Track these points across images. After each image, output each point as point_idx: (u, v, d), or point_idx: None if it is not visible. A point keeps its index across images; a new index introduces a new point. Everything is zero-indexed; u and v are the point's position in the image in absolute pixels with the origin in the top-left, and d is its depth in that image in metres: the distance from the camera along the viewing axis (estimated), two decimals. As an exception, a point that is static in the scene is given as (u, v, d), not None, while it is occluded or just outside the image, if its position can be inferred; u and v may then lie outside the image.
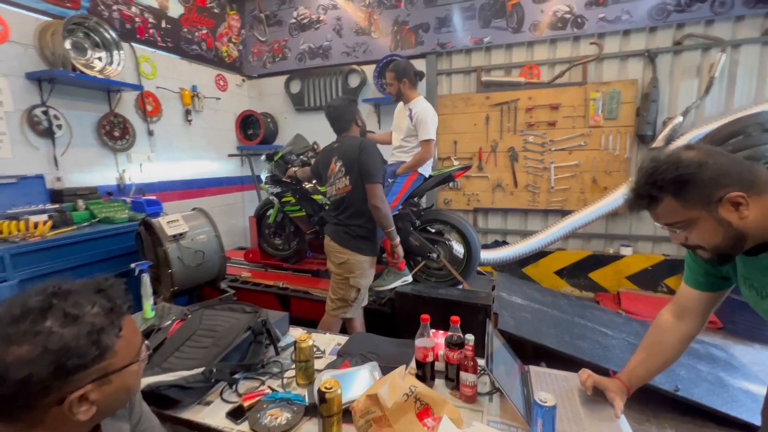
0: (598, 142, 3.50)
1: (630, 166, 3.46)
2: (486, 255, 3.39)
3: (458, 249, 2.87)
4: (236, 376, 1.21)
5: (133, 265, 1.77)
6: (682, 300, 1.12)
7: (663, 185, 0.85)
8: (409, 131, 2.51)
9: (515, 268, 3.83)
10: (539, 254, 3.65)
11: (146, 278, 1.77)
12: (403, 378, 1.04)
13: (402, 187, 2.47)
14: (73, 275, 2.16)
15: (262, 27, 4.01)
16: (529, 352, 2.21)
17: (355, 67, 4.18)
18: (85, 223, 2.52)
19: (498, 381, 1.08)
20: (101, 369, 0.61)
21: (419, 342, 1.21)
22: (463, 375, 1.13)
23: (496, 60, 3.78)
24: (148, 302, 1.75)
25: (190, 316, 1.49)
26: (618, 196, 3.28)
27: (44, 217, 2.40)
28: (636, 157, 3.46)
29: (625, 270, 3.55)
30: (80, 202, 2.64)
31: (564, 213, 3.64)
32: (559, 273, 3.77)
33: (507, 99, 3.69)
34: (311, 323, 2.96)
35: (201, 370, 1.13)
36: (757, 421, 1.89)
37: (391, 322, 2.54)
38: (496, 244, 3.94)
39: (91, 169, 2.98)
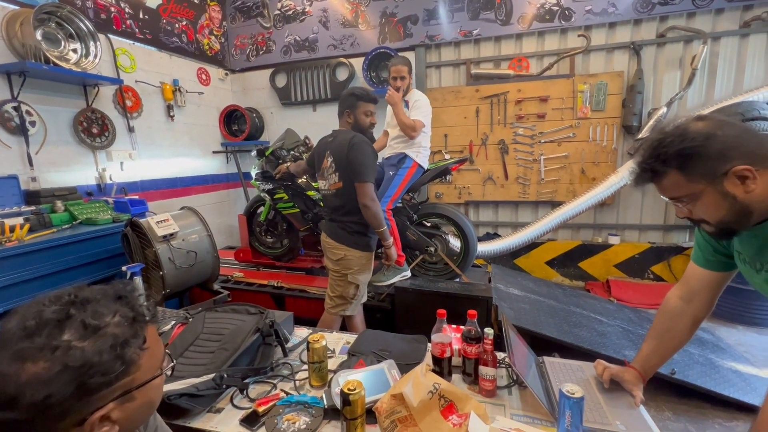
0: (586, 133, 3.55)
1: (617, 157, 3.53)
2: (481, 248, 3.40)
3: (454, 242, 2.87)
4: (247, 380, 1.16)
5: (124, 268, 1.69)
6: (692, 281, 1.10)
7: (667, 159, 0.83)
8: None
9: (507, 259, 3.87)
10: (531, 245, 3.70)
11: (139, 281, 1.69)
12: (425, 375, 1.01)
13: (403, 179, 2.44)
14: (55, 281, 2.05)
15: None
16: (529, 341, 2.23)
17: (343, 60, 4.10)
18: (66, 226, 2.38)
19: (520, 374, 1.07)
20: (125, 385, 0.55)
21: (436, 337, 1.18)
22: (482, 369, 1.12)
23: (485, 52, 3.77)
24: (141, 307, 1.66)
25: (191, 319, 1.42)
26: (607, 185, 3.34)
27: (20, 220, 2.25)
28: (622, 147, 3.54)
29: (614, 258, 3.63)
30: (59, 204, 2.49)
31: (554, 204, 3.69)
32: (550, 263, 3.83)
33: (496, 91, 3.70)
34: (309, 322, 2.91)
35: (211, 376, 1.07)
36: (746, 398, 1.99)
37: (390, 318, 2.52)
38: (488, 237, 3.96)
39: (68, 168, 2.82)
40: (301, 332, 1.58)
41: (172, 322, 1.46)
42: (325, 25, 4.15)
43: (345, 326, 2.23)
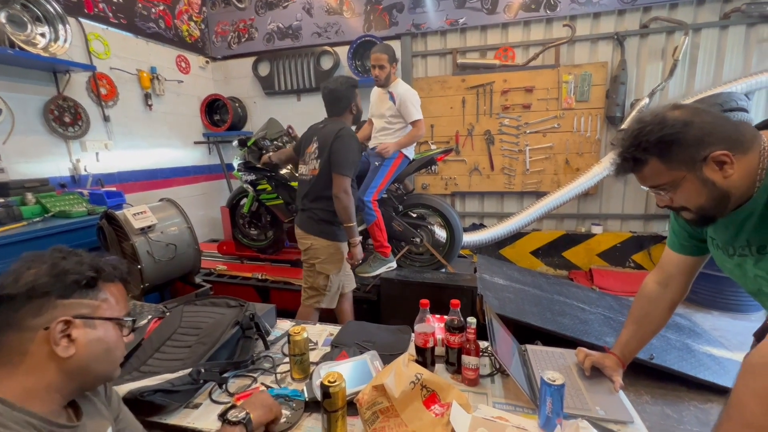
0: (571, 124, 3.57)
1: (600, 148, 3.57)
2: (466, 238, 3.41)
3: (440, 233, 2.87)
4: (226, 374, 1.13)
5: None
6: (667, 266, 1.12)
7: (647, 147, 0.83)
8: (394, 113, 2.44)
9: (493, 249, 3.90)
10: (516, 235, 3.73)
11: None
12: (407, 365, 1.00)
13: (388, 170, 2.42)
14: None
15: None
16: (513, 330, 2.26)
17: (327, 48, 4.01)
18: (37, 219, 2.28)
19: (502, 362, 1.07)
20: (91, 306, 0.67)
21: (419, 327, 1.17)
22: (465, 358, 1.12)
23: (472, 42, 3.74)
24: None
25: (168, 313, 1.38)
26: (590, 176, 3.38)
27: (-13, 212, 2.15)
28: (606, 138, 3.58)
29: (596, 248, 3.70)
30: (29, 196, 2.38)
31: (539, 195, 3.72)
32: (535, 253, 3.87)
33: (482, 82, 3.68)
34: (294, 315, 2.89)
35: (188, 371, 1.04)
36: (721, 381, 2.05)
37: (376, 309, 2.51)
38: (474, 227, 3.98)
39: (39, 158, 2.70)
40: (284, 325, 1.56)
41: (149, 317, 1.41)
42: (309, 12, 4.05)
43: (334, 316, 2.21)
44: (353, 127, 2.04)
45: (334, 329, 1.50)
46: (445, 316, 1.41)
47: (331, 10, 3.98)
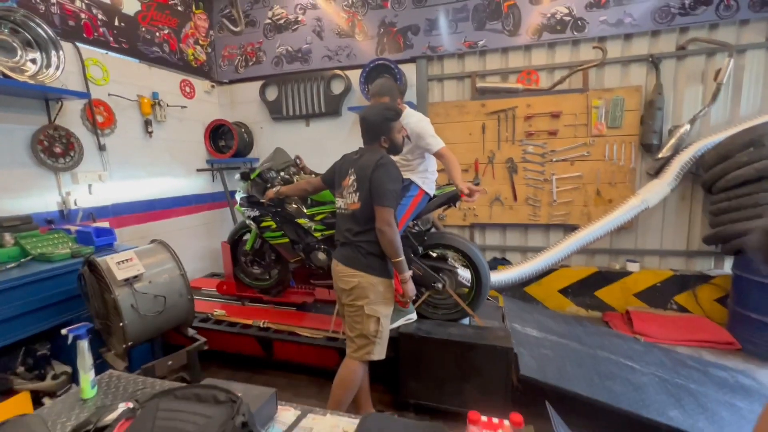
0: (602, 151, 3.29)
1: (635, 177, 3.27)
2: (493, 277, 3.08)
3: (464, 274, 2.56)
4: None
5: (64, 331, 1.34)
6: None
7: None
8: (409, 148, 2.19)
9: (517, 287, 3.56)
10: (542, 272, 3.40)
11: (84, 346, 1.34)
12: None
13: (407, 209, 2.15)
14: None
15: (236, 13, 3.52)
16: (555, 400, 1.91)
17: (338, 72, 3.82)
18: (13, 264, 2.03)
19: None
20: None
21: (467, 453, 0.86)
22: (537, 508, 0.80)
23: (492, 65, 3.52)
24: (86, 376, 1.32)
25: (140, 411, 1.08)
26: (628, 208, 3.07)
27: (-43, 257, 1.91)
28: (641, 167, 3.28)
29: (633, 287, 3.34)
30: (7, 236, 2.14)
31: (566, 228, 3.42)
32: (564, 291, 3.53)
33: (504, 107, 3.44)
34: (298, 368, 2.58)
35: None
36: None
37: (394, 367, 2.18)
38: (495, 261, 3.67)
39: (25, 193, 2.47)
40: (286, 415, 1.25)
41: (118, 412, 1.12)
42: (320, 35, 3.89)
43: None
44: None
45: (349, 424, 1.19)
46: (493, 419, 1.10)
47: (342, 32, 3.81)
